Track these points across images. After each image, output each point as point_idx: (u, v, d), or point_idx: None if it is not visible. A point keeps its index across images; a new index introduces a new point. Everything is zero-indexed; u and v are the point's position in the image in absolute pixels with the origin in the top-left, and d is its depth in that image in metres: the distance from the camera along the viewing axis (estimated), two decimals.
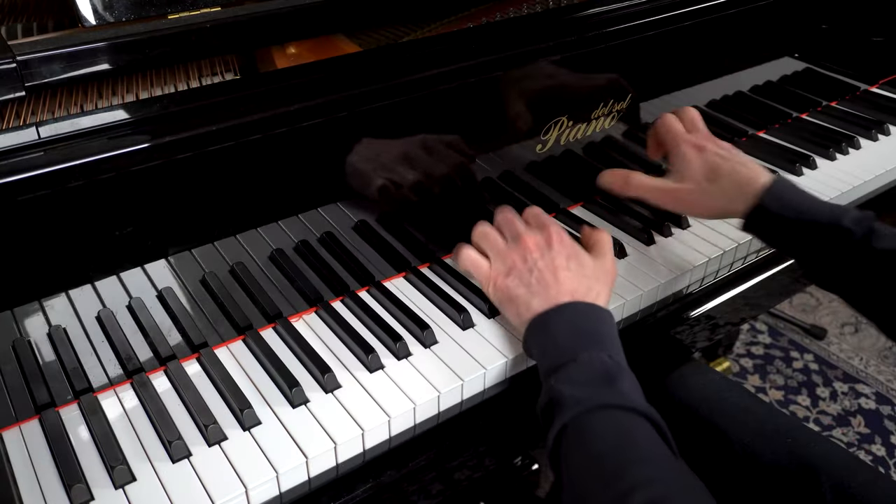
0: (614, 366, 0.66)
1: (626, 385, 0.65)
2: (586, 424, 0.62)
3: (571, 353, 0.67)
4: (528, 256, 0.76)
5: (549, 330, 0.70)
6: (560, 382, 0.65)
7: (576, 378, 0.65)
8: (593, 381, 0.65)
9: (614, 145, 1.02)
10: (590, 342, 0.68)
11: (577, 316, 0.71)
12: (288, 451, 0.66)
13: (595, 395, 0.63)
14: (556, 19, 0.90)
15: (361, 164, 0.79)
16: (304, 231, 0.81)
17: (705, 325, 0.94)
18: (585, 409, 0.62)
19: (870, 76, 1.34)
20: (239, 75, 0.80)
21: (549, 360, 0.68)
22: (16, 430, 0.68)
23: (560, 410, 0.63)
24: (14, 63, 0.62)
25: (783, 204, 0.78)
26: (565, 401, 0.63)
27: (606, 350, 0.68)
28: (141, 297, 0.74)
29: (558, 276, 0.74)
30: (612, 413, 0.62)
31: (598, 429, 0.61)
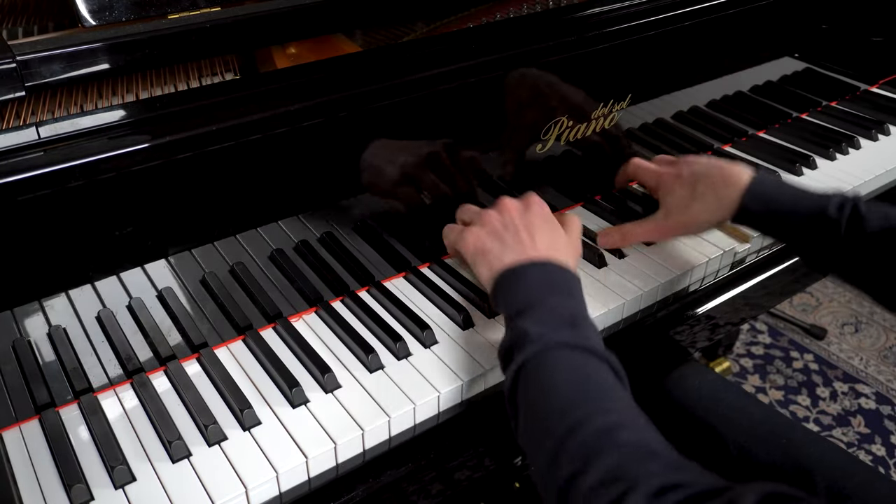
0: (580, 314, 0.67)
1: (590, 331, 0.66)
2: (547, 360, 0.62)
3: (539, 297, 0.67)
4: (505, 216, 0.77)
5: (520, 280, 0.70)
6: (524, 321, 0.65)
7: (541, 318, 0.65)
8: (557, 323, 0.65)
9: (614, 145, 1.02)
10: (559, 292, 0.69)
11: (550, 272, 0.71)
12: (288, 451, 0.66)
13: (558, 334, 0.64)
14: (556, 19, 0.90)
15: (361, 165, 0.79)
16: (304, 231, 0.81)
17: (705, 325, 0.94)
18: (546, 346, 0.63)
19: (870, 76, 1.34)
20: (239, 75, 0.80)
21: (516, 304, 0.68)
22: (16, 430, 0.68)
23: (521, 347, 0.64)
24: (14, 63, 0.63)
25: (765, 202, 0.80)
26: (528, 337, 0.64)
27: (575, 301, 0.69)
28: (141, 297, 0.74)
29: (534, 235, 0.75)
30: (573, 352, 0.63)
31: (558, 364, 0.62)
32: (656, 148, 1.07)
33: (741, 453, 0.85)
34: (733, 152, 1.14)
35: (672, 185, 0.87)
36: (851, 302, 2.11)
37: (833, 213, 0.76)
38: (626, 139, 1.03)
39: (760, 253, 0.97)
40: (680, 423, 0.91)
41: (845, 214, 0.76)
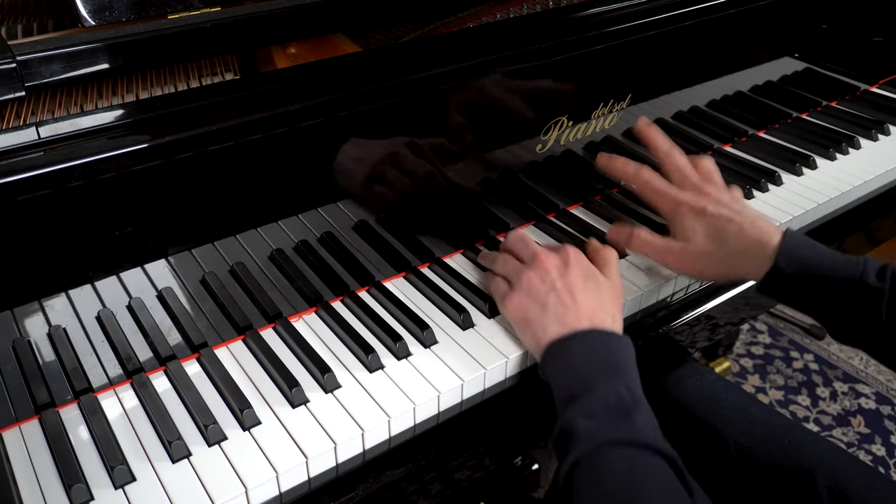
0: (630, 398, 0.64)
1: (642, 419, 0.63)
2: (599, 461, 0.60)
3: (587, 382, 0.65)
4: (545, 277, 0.75)
5: (567, 357, 0.69)
6: (574, 414, 0.63)
7: (591, 410, 0.63)
8: (608, 413, 0.63)
9: (614, 145, 1.02)
10: (607, 372, 0.66)
11: (595, 344, 0.69)
12: (288, 451, 0.66)
13: (609, 430, 0.61)
14: (556, 19, 0.90)
15: (361, 165, 0.79)
16: (304, 231, 0.81)
17: (705, 325, 0.94)
18: (598, 445, 0.61)
19: (870, 76, 1.34)
20: (239, 75, 0.80)
21: (564, 388, 0.67)
22: (16, 430, 0.68)
23: (573, 443, 0.61)
24: (14, 63, 0.63)
25: (799, 264, 0.74)
26: (579, 434, 0.62)
27: (624, 381, 0.66)
28: (141, 297, 0.74)
29: (576, 298, 0.72)
30: (626, 450, 0.61)
31: (611, 467, 0.60)
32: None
33: (741, 454, 0.85)
34: (733, 152, 1.14)
35: (690, 219, 0.80)
36: None
37: (873, 281, 0.71)
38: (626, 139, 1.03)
39: None
40: (680, 424, 0.91)
41: (887, 282, 0.70)
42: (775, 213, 0.99)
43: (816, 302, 0.75)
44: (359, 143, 0.77)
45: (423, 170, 0.84)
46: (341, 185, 0.79)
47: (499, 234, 0.94)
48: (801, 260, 0.74)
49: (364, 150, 0.78)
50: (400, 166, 0.82)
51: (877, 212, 1.10)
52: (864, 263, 0.73)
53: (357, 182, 0.80)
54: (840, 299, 0.73)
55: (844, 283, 0.72)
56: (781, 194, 1.04)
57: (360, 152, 0.78)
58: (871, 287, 0.71)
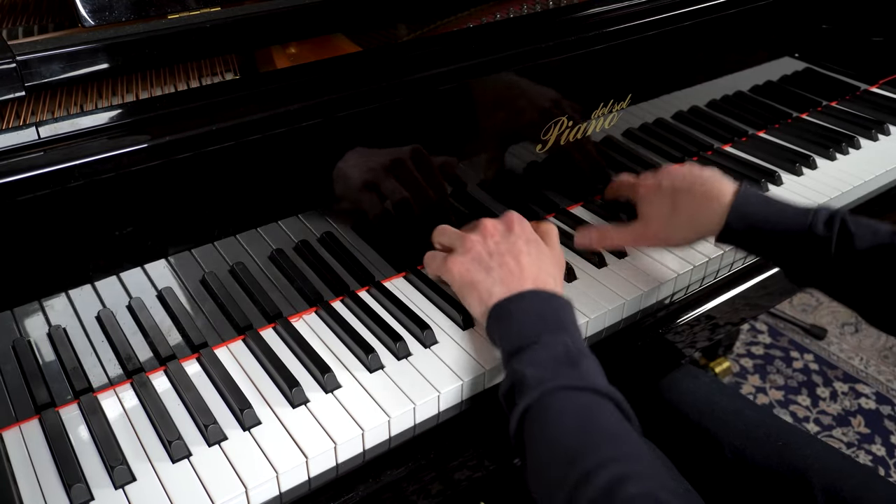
0: (575, 349, 0.66)
1: (589, 366, 0.65)
2: (549, 405, 0.61)
3: (534, 336, 0.67)
4: (488, 240, 0.76)
5: (512, 316, 0.70)
6: (522, 364, 0.65)
7: (538, 360, 0.65)
8: (555, 362, 0.64)
9: (614, 145, 1.02)
10: (552, 327, 0.68)
11: (539, 303, 0.71)
12: (288, 451, 0.66)
13: (557, 376, 0.63)
14: (556, 19, 0.90)
15: (360, 165, 0.79)
16: (304, 231, 0.81)
17: (705, 325, 0.94)
18: (547, 390, 0.62)
19: (870, 76, 1.34)
20: (239, 75, 0.80)
21: (510, 344, 0.68)
22: (16, 430, 0.68)
23: (522, 392, 0.63)
24: (14, 63, 0.63)
25: (750, 219, 0.77)
26: (527, 381, 0.63)
27: (569, 335, 0.68)
28: (141, 297, 0.74)
29: (520, 261, 0.74)
30: (575, 394, 0.62)
31: (561, 409, 0.61)
32: (656, 148, 1.07)
33: (737, 456, 0.85)
34: (733, 152, 1.14)
35: (650, 196, 0.85)
36: None
37: (821, 230, 0.74)
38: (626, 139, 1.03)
39: None
40: (675, 427, 0.91)
41: (835, 231, 0.74)
42: None
43: (769, 251, 0.79)
44: (356, 143, 0.77)
45: (422, 169, 0.84)
46: (342, 185, 0.79)
47: None
48: (752, 216, 0.78)
49: (363, 150, 0.78)
50: (399, 166, 0.82)
51: (877, 212, 1.10)
52: (815, 214, 0.76)
53: (356, 183, 0.80)
54: (791, 248, 0.76)
55: (794, 234, 0.76)
56: (781, 194, 1.03)
57: (360, 152, 0.78)
58: (818, 237, 0.74)
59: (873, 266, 0.72)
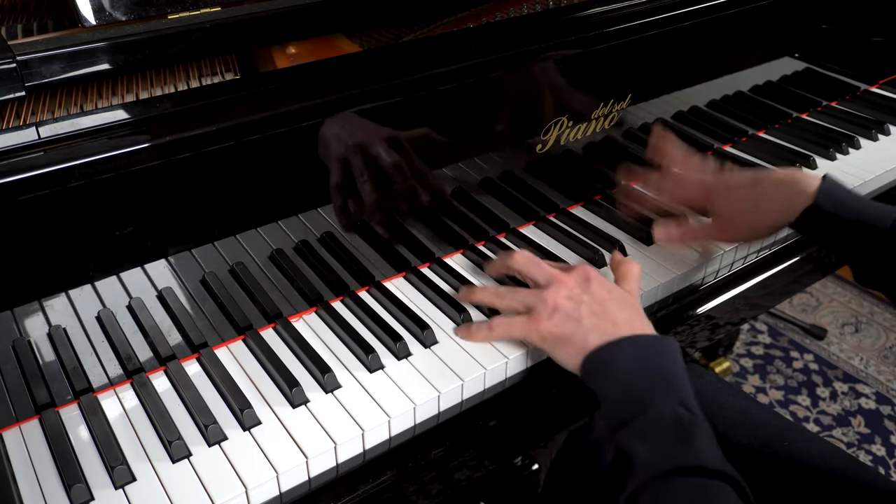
0: (688, 417, 0.62)
1: (702, 440, 0.60)
2: (661, 492, 0.57)
3: (641, 401, 0.62)
4: (570, 293, 0.72)
5: (614, 367, 0.66)
6: (630, 438, 0.60)
7: (647, 433, 0.60)
8: (667, 437, 0.60)
9: (614, 145, 1.02)
10: (659, 385, 0.64)
11: (642, 351, 0.67)
12: (288, 451, 0.66)
13: (670, 458, 0.58)
14: (556, 19, 0.90)
15: (360, 165, 0.79)
16: (304, 231, 0.81)
17: (705, 325, 0.94)
18: (659, 475, 0.58)
19: (870, 76, 1.34)
20: (239, 75, 0.80)
21: (615, 408, 0.64)
22: (16, 430, 0.68)
23: (632, 472, 0.58)
24: (14, 63, 0.63)
25: (838, 203, 0.77)
26: (637, 462, 0.58)
27: (678, 395, 0.63)
28: (141, 297, 0.74)
29: (608, 308, 0.70)
30: (690, 480, 0.58)
31: (675, 499, 0.57)
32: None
33: (742, 456, 0.85)
34: (733, 152, 1.14)
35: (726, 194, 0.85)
36: (851, 302, 2.11)
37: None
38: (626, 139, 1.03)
39: (760, 253, 0.97)
40: None
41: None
42: None
43: (847, 243, 0.78)
44: (358, 143, 0.77)
45: (422, 169, 0.84)
46: (342, 185, 0.79)
47: (499, 233, 0.94)
48: (840, 202, 0.77)
49: (363, 150, 0.78)
50: (399, 166, 0.82)
51: None
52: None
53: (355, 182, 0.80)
54: (871, 243, 0.75)
55: (877, 229, 0.75)
56: None
57: (359, 152, 0.78)
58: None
59: None
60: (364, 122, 0.76)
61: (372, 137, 0.78)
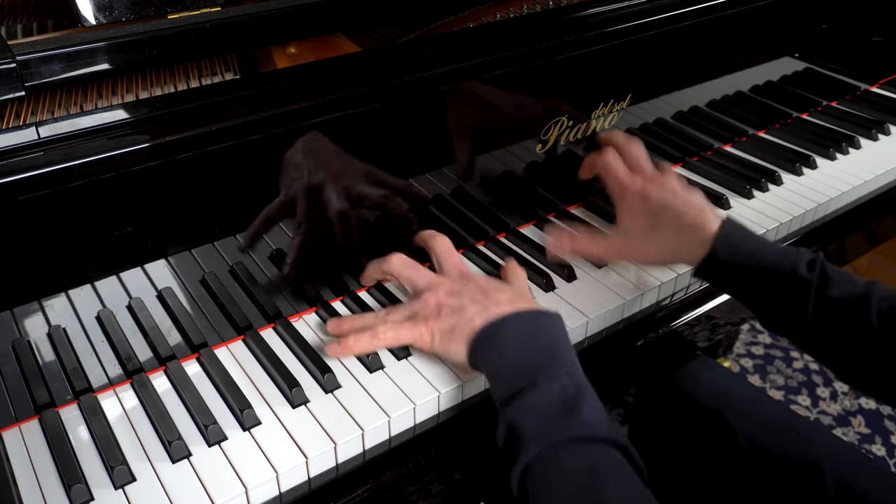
0: (574, 387, 0.63)
1: (587, 409, 0.61)
2: (551, 462, 0.58)
3: (528, 375, 0.63)
4: (451, 289, 0.73)
5: (499, 345, 0.67)
6: (519, 412, 0.61)
7: (535, 408, 0.61)
8: (553, 410, 0.61)
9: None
10: (544, 358, 0.65)
11: (525, 325, 0.67)
12: (288, 451, 0.66)
13: (557, 429, 0.59)
14: (556, 19, 0.90)
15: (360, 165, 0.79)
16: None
17: (705, 325, 0.94)
18: (549, 445, 0.59)
19: (870, 76, 1.34)
20: (239, 75, 0.80)
21: (503, 384, 0.65)
22: (16, 430, 0.68)
23: (523, 446, 0.60)
24: (14, 63, 0.63)
25: (735, 252, 0.75)
26: (527, 435, 0.60)
27: (563, 366, 0.64)
28: (141, 297, 0.74)
29: (489, 294, 0.71)
30: (577, 447, 0.59)
31: (565, 467, 0.58)
32: (656, 148, 1.07)
33: (752, 446, 0.85)
34: (733, 152, 1.14)
35: (635, 204, 0.81)
36: None
37: (804, 272, 0.72)
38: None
39: None
40: (691, 416, 0.91)
41: (816, 274, 0.71)
42: (776, 213, 0.99)
43: (748, 290, 0.76)
44: (358, 143, 0.77)
45: (423, 170, 0.84)
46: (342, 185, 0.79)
47: (498, 233, 0.94)
48: (738, 248, 0.75)
49: (363, 150, 0.78)
50: (400, 166, 0.82)
51: (877, 212, 1.10)
52: (798, 255, 0.74)
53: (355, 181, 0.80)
54: (771, 289, 0.74)
55: (776, 273, 0.73)
56: (781, 194, 1.04)
57: (359, 152, 0.78)
58: (801, 278, 0.72)
59: (846, 318, 0.70)
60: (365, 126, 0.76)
61: (373, 138, 0.78)
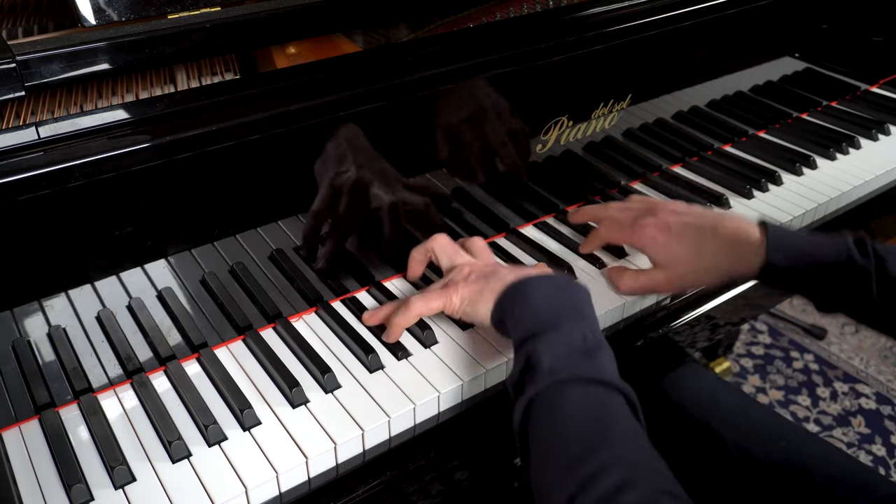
0: (594, 339, 0.64)
1: (605, 360, 0.63)
2: (559, 396, 0.60)
3: (552, 320, 0.65)
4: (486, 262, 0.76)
5: (529, 298, 0.68)
6: (536, 348, 0.63)
7: (554, 346, 0.63)
8: (572, 351, 0.63)
9: (614, 145, 1.02)
10: (571, 314, 0.66)
11: (556, 288, 0.69)
12: (288, 451, 0.66)
13: (572, 367, 0.61)
14: (556, 19, 0.90)
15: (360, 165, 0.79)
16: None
17: (705, 325, 0.94)
18: (559, 380, 0.60)
19: (870, 76, 1.34)
20: (239, 75, 0.80)
21: (525, 327, 0.66)
22: (16, 431, 0.68)
23: (533, 378, 0.61)
24: (14, 63, 0.63)
25: (790, 255, 0.75)
26: (541, 368, 0.61)
27: (588, 324, 0.66)
28: (141, 297, 0.74)
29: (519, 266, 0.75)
30: (586, 387, 0.60)
31: (571, 402, 0.60)
32: (656, 148, 1.07)
33: (741, 454, 0.85)
34: (733, 152, 1.14)
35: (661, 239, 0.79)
36: None
37: (859, 258, 0.72)
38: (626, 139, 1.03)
39: None
40: (679, 425, 0.91)
41: (871, 258, 0.72)
42: (775, 213, 0.99)
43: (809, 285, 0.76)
44: (357, 143, 0.77)
45: (423, 170, 0.84)
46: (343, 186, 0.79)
47: (498, 234, 0.94)
48: (791, 250, 0.75)
49: (363, 150, 0.78)
50: (400, 166, 0.82)
51: (877, 212, 1.10)
52: (846, 242, 0.74)
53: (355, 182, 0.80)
54: (832, 280, 0.74)
55: (834, 265, 0.74)
56: (781, 194, 1.04)
57: (359, 152, 0.78)
58: (859, 266, 0.72)
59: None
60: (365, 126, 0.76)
61: (372, 138, 0.78)
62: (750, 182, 1.04)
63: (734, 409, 0.90)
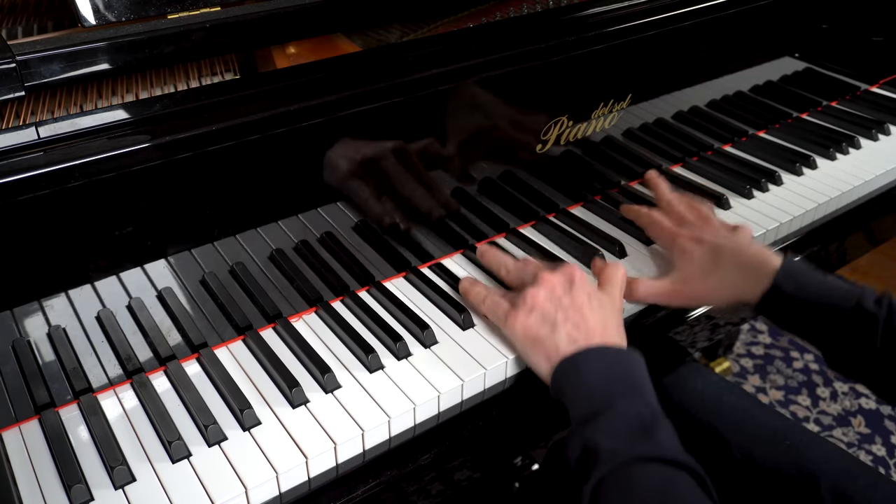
0: (650, 415, 0.64)
1: (663, 434, 0.63)
2: (625, 479, 0.59)
3: (607, 401, 0.65)
4: (551, 294, 0.74)
5: (582, 375, 0.68)
6: (595, 432, 0.63)
7: (612, 428, 0.63)
8: (630, 431, 0.62)
9: (614, 145, 1.02)
10: (625, 390, 0.66)
11: (609, 360, 0.69)
12: (288, 451, 0.66)
13: (633, 447, 0.61)
14: (556, 19, 0.90)
15: (358, 165, 0.79)
16: (304, 231, 0.81)
17: (705, 325, 0.93)
18: (623, 463, 0.60)
19: (870, 76, 1.34)
20: (239, 75, 0.80)
21: (582, 407, 0.66)
22: (16, 431, 0.68)
23: (596, 463, 0.61)
24: (14, 63, 0.63)
25: (798, 285, 0.75)
26: (602, 453, 0.61)
27: (643, 397, 0.66)
28: (141, 297, 0.74)
29: (584, 315, 0.72)
30: (652, 467, 0.60)
31: (638, 485, 0.59)
32: (656, 148, 1.07)
33: (744, 455, 0.84)
34: (733, 152, 1.14)
35: (691, 250, 0.82)
36: None
37: (871, 307, 0.72)
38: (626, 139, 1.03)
39: None
40: (681, 425, 0.90)
41: (883, 309, 0.71)
42: (775, 213, 0.99)
43: (812, 325, 0.76)
44: (356, 143, 0.77)
45: (422, 170, 0.84)
46: (341, 186, 0.79)
47: (498, 234, 0.94)
48: (801, 281, 0.75)
49: (362, 150, 0.78)
50: (400, 167, 0.82)
51: (877, 212, 1.10)
52: (862, 290, 0.74)
53: (355, 182, 0.80)
54: (836, 324, 0.74)
55: (841, 308, 0.73)
56: (781, 194, 1.04)
57: (358, 153, 0.78)
58: (867, 312, 0.72)
59: None
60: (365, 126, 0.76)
61: (372, 138, 0.78)
62: (750, 182, 1.04)
63: (738, 409, 0.89)
